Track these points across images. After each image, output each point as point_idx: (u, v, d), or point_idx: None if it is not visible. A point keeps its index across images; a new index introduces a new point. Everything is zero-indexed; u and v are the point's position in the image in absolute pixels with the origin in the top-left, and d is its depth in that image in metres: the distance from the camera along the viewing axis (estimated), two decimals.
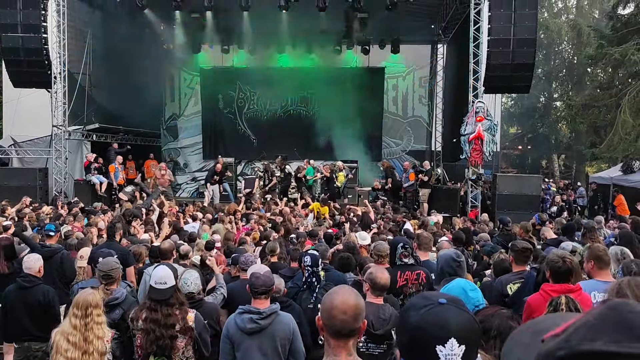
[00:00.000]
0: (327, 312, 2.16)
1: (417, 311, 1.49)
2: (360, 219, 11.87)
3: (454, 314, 1.47)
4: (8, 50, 15.71)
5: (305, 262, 5.11)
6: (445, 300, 1.50)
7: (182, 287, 4.56)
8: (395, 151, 23.27)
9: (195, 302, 4.60)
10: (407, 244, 5.52)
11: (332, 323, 2.14)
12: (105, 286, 4.70)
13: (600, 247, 4.69)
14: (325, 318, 2.17)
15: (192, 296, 4.59)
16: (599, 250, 4.51)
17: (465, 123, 15.00)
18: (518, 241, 5.79)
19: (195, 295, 4.64)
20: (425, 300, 1.52)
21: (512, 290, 4.98)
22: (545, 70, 35.31)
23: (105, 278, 4.75)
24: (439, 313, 1.46)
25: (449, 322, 1.45)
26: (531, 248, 5.56)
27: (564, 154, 36.42)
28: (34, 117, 17.93)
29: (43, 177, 16.27)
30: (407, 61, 22.82)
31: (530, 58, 14.80)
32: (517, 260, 5.32)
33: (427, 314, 1.46)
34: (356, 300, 2.20)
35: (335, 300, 2.17)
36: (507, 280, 5.13)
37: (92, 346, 3.94)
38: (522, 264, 5.31)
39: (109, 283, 4.74)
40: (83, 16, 17.58)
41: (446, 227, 12.23)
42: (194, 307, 4.57)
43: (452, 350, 1.42)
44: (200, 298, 4.75)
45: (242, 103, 23.37)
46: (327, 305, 2.18)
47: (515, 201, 14.84)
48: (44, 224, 9.04)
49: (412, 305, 1.53)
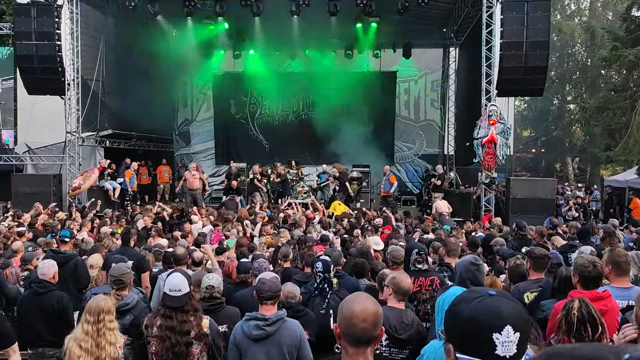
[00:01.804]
0: (347, 320, 2.14)
1: (468, 303, 1.53)
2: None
3: (506, 304, 1.52)
4: (22, 58, 15.88)
5: (317, 268, 5.09)
6: (494, 292, 1.56)
7: (203, 282, 4.69)
8: (408, 155, 23.18)
9: (215, 304, 4.63)
10: (421, 250, 5.49)
11: (352, 331, 2.12)
12: (116, 291, 4.69)
13: (621, 252, 4.52)
14: (343, 326, 2.15)
15: (212, 292, 4.62)
16: (619, 256, 4.35)
17: (478, 126, 14.91)
18: (536, 248, 5.64)
19: (215, 292, 4.66)
20: (475, 294, 1.57)
21: (529, 299, 4.83)
22: (559, 72, 35.08)
23: (117, 283, 4.75)
24: (490, 304, 1.51)
25: (503, 311, 1.49)
26: (549, 255, 5.42)
27: (578, 157, 36.16)
28: (48, 124, 18.05)
29: (57, 184, 16.39)
30: (419, 65, 22.78)
31: (544, 61, 14.71)
32: (535, 267, 5.15)
33: (480, 305, 1.51)
34: (375, 307, 2.19)
35: (355, 308, 2.15)
36: (524, 288, 4.99)
37: (105, 352, 3.93)
38: (539, 271, 5.15)
39: (120, 288, 4.73)
40: (96, 23, 17.73)
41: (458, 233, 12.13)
42: (215, 309, 4.60)
43: (508, 337, 1.46)
44: (221, 301, 4.75)
45: (254, 108, 23.44)
46: (347, 313, 2.16)
47: (529, 205, 14.73)
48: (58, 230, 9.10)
49: (463, 299, 1.58)
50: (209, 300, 4.66)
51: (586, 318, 3.18)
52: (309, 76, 21.80)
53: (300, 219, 11.81)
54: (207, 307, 4.60)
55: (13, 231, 10.10)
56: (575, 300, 3.31)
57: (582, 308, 3.23)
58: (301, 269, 6.54)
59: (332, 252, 6.55)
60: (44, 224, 11.47)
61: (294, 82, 21.56)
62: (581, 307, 3.24)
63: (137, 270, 6.75)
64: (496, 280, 4.55)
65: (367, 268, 6.03)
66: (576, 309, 3.23)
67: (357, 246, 8.00)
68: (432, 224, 11.95)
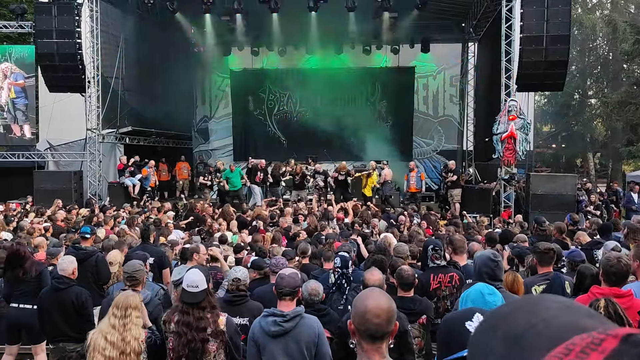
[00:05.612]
0: (361, 316, 2.15)
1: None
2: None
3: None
4: (43, 56, 16.06)
5: (335, 264, 5.09)
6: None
7: (230, 274, 4.77)
8: (426, 151, 23.06)
9: (240, 296, 4.66)
10: (437, 246, 5.47)
11: (366, 327, 2.14)
12: (130, 288, 4.74)
13: None
14: (358, 322, 2.16)
15: (238, 285, 4.65)
16: None
17: (497, 122, 14.78)
18: (541, 242, 5.63)
19: (241, 284, 4.69)
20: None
21: (537, 292, 4.83)
22: (579, 67, 34.59)
23: (130, 280, 4.82)
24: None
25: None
26: (554, 249, 5.38)
27: (600, 152, 35.65)
28: (69, 121, 18.28)
29: (78, 180, 16.58)
30: (438, 60, 22.61)
31: (564, 55, 14.52)
32: (541, 261, 5.15)
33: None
34: (389, 303, 2.21)
35: (368, 304, 2.17)
36: (532, 283, 5.00)
37: (129, 347, 3.99)
38: (546, 266, 5.15)
39: (134, 285, 4.79)
40: (115, 21, 17.88)
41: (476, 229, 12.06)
42: (239, 301, 4.63)
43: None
44: (246, 294, 4.77)
45: (272, 104, 23.48)
46: (360, 309, 2.17)
47: (549, 201, 14.55)
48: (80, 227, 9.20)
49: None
50: (234, 292, 4.69)
51: (613, 317, 3.12)
52: (327, 72, 21.75)
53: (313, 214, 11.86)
54: (231, 298, 4.64)
55: (36, 227, 10.25)
56: (601, 300, 3.26)
57: (609, 307, 3.18)
58: (320, 265, 6.54)
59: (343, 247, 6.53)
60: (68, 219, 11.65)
61: (312, 78, 21.51)
62: (607, 306, 3.19)
63: (158, 267, 6.83)
64: (517, 277, 4.49)
65: (386, 264, 6.02)
66: (602, 307, 3.18)
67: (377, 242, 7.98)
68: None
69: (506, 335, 0.73)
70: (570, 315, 0.71)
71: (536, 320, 0.71)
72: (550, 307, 0.73)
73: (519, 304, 0.78)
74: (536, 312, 0.72)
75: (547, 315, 0.71)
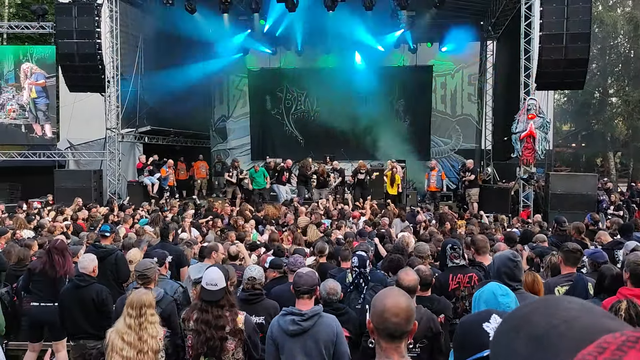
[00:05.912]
0: (379, 315, 2.15)
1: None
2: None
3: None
4: (64, 56, 16.28)
5: (353, 263, 5.09)
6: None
7: (246, 273, 4.80)
8: (444, 150, 22.93)
9: (255, 295, 4.69)
10: (455, 245, 5.43)
11: (385, 326, 2.13)
12: (142, 286, 4.78)
13: None
14: (376, 321, 2.16)
15: (253, 283, 4.69)
16: None
17: (516, 121, 14.66)
18: (569, 242, 5.55)
19: (256, 283, 4.72)
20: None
21: (560, 293, 4.75)
22: (600, 65, 34.14)
23: (142, 278, 4.86)
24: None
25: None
26: (581, 250, 5.29)
27: (620, 151, 35.18)
28: (89, 121, 18.47)
29: (98, 179, 16.78)
30: (456, 59, 22.48)
31: (584, 53, 14.36)
32: (567, 260, 5.05)
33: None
34: (407, 302, 2.21)
35: (387, 303, 2.17)
36: (555, 283, 4.91)
37: (147, 345, 4.03)
38: (571, 266, 5.06)
39: (146, 283, 4.83)
40: (134, 21, 18.05)
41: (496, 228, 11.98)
42: (254, 300, 4.66)
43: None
44: (261, 292, 4.80)
45: (290, 104, 23.53)
46: (379, 308, 2.17)
47: (569, 201, 14.42)
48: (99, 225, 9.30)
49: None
50: (249, 291, 4.72)
51: (635, 320, 3.07)
52: (344, 71, 21.69)
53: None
54: (247, 297, 4.66)
55: (57, 225, 10.38)
56: (623, 301, 3.21)
57: (631, 309, 3.13)
58: (337, 264, 6.55)
59: (360, 246, 6.53)
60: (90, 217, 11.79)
61: (329, 77, 21.47)
62: (629, 308, 3.14)
63: (176, 265, 6.88)
64: (537, 277, 4.45)
65: (403, 264, 5.99)
66: (624, 310, 3.13)
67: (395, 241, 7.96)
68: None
69: (529, 336, 0.74)
70: (591, 316, 0.72)
71: (557, 321, 0.72)
72: (569, 308, 0.75)
73: (537, 305, 0.79)
74: (555, 314, 0.74)
75: (568, 316, 0.72)
